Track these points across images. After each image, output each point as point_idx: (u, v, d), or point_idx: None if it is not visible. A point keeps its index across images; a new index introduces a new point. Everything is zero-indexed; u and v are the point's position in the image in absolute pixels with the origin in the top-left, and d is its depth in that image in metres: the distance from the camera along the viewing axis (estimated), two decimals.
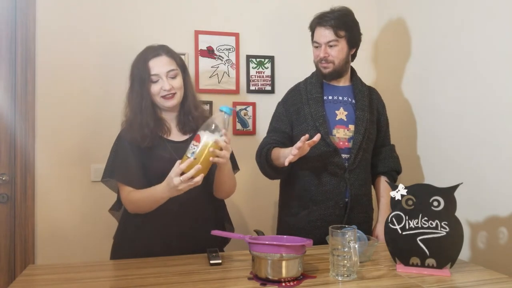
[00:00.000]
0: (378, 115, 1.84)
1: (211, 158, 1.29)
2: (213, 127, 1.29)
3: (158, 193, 1.35)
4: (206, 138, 1.28)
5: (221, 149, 1.31)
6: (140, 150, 1.46)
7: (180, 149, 1.48)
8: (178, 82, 1.48)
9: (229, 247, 1.64)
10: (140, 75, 1.45)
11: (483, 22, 1.71)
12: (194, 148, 1.28)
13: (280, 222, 1.85)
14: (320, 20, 1.72)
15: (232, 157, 1.61)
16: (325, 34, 1.70)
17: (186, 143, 1.50)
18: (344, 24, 1.70)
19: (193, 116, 1.53)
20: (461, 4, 1.83)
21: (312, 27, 1.77)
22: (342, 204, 1.70)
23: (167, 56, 1.48)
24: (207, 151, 1.28)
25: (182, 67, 1.53)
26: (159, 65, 1.45)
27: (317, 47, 1.75)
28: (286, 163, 1.49)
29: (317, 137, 1.47)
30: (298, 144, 1.44)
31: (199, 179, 1.27)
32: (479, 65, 1.73)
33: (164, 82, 1.45)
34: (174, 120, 1.55)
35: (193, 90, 1.59)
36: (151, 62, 1.45)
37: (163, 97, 1.47)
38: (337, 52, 1.71)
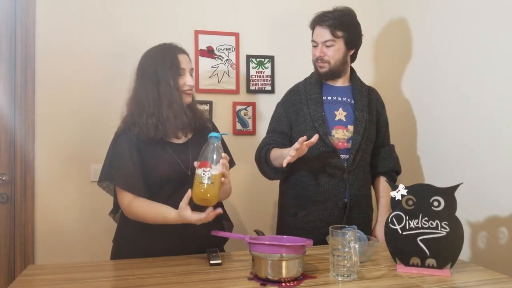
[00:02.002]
0: (378, 115, 1.83)
1: (222, 179, 1.31)
2: (215, 157, 1.30)
3: (170, 219, 1.35)
4: (214, 168, 1.29)
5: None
6: (140, 152, 1.44)
7: (181, 152, 1.48)
8: (194, 80, 1.54)
9: (229, 247, 1.64)
10: (169, 67, 1.45)
11: (483, 22, 1.71)
12: (208, 174, 1.27)
13: (279, 222, 1.85)
14: (319, 19, 1.72)
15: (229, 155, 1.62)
16: (322, 33, 1.70)
17: (186, 146, 1.51)
18: (342, 24, 1.69)
19: (199, 113, 1.56)
20: (461, 4, 1.83)
21: (312, 26, 1.76)
22: (341, 204, 1.69)
23: (187, 56, 1.52)
24: (218, 179, 1.29)
25: None
26: (186, 61, 1.49)
27: (314, 46, 1.75)
28: (284, 164, 1.48)
29: (314, 138, 1.47)
30: (296, 145, 1.44)
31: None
32: (479, 64, 1.73)
33: (189, 78, 1.49)
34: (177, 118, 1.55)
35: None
36: (180, 56, 1.48)
37: (184, 91, 1.49)
38: (333, 52, 1.71)
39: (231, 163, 1.62)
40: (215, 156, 1.29)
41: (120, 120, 1.50)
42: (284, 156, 1.50)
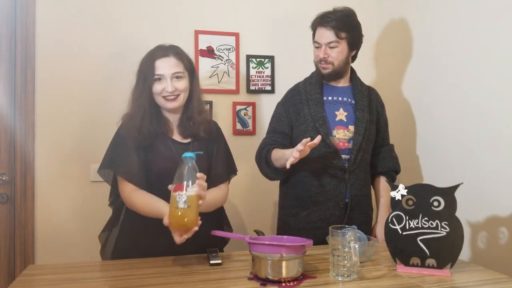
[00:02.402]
0: (378, 115, 1.83)
1: (200, 201, 1.25)
2: (190, 178, 1.23)
3: (164, 214, 1.31)
4: (190, 190, 1.22)
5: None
6: (141, 145, 1.46)
7: (183, 150, 1.48)
8: (182, 84, 1.48)
9: (229, 247, 1.64)
10: (145, 73, 1.46)
11: (483, 22, 1.71)
12: (184, 197, 1.21)
13: (280, 223, 1.85)
14: (321, 20, 1.71)
15: (231, 161, 1.62)
16: (326, 34, 1.69)
17: (188, 146, 1.51)
18: (345, 25, 1.69)
19: (195, 122, 1.52)
20: (461, 4, 1.83)
21: (314, 27, 1.76)
22: (342, 204, 1.69)
23: (175, 58, 1.47)
24: (195, 202, 1.23)
25: (191, 70, 1.53)
26: (165, 66, 1.45)
27: (317, 47, 1.75)
28: (288, 166, 1.48)
29: (317, 139, 1.46)
30: (300, 146, 1.43)
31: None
32: (479, 64, 1.73)
33: (168, 83, 1.45)
34: (176, 121, 1.55)
35: (199, 95, 1.57)
36: (158, 61, 1.45)
37: (164, 97, 1.47)
38: (337, 54, 1.71)
39: (233, 171, 1.62)
40: (190, 178, 1.23)
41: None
42: (287, 157, 1.50)
